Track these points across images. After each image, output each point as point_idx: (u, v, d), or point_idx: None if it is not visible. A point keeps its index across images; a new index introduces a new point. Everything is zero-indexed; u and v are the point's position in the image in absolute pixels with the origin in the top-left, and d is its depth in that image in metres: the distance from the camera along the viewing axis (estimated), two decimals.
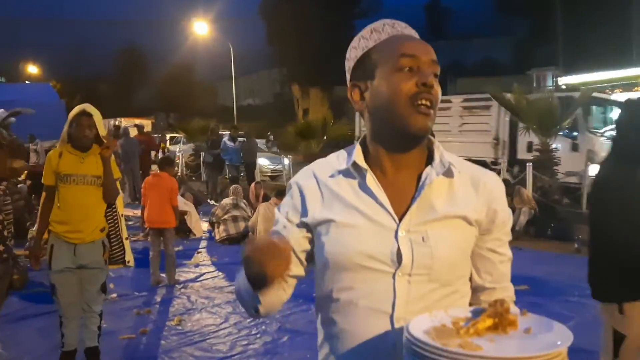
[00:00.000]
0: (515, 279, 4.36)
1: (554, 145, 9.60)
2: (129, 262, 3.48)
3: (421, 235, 1.09)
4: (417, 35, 1.18)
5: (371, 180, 1.13)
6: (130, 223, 9.29)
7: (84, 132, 3.20)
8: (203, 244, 8.00)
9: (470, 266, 1.17)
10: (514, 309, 1.00)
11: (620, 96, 16.13)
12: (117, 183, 3.38)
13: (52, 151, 3.35)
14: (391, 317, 1.08)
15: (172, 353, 3.91)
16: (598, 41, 18.51)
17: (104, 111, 3.37)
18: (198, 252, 6.98)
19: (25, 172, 9.31)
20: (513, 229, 5.29)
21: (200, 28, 23.25)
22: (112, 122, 19.15)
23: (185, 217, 8.34)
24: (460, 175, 1.14)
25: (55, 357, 3.34)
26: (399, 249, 1.08)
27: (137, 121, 17.03)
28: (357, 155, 1.15)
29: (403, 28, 1.18)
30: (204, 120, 16.95)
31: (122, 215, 3.44)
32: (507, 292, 1.19)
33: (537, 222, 8.09)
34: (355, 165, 1.14)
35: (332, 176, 1.17)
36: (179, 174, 11.96)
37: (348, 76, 1.19)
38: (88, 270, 3.26)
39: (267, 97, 39.80)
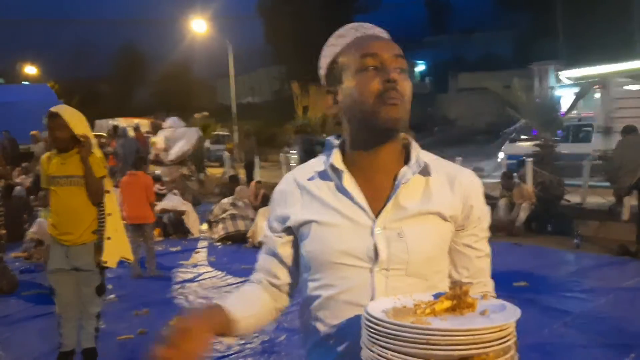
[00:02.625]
0: (514, 275, 4.35)
1: None
2: (105, 262, 3.32)
3: (397, 232, 1.12)
4: (384, 34, 1.21)
5: (348, 180, 1.16)
6: (125, 222, 9.26)
7: (53, 134, 3.21)
8: (201, 244, 7.97)
9: (447, 262, 1.20)
10: (476, 295, 1.03)
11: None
12: (106, 181, 3.32)
13: (44, 155, 3.37)
14: None
15: None
16: (599, 35, 18.45)
17: (103, 111, 3.35)
18: (196, 252, 6.96)
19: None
20: (513, 225, 5.28)
21: (199, 26, 23.20)
22: (110, 122, 19.11)
23: (183, 217, 8.32)
24: (437, 173, 1.18)
25: (53, 358, 3.33)
26: (375, 245, 1.12)
27: (136, 121, 16.99)
28: (335, 157, 1.18)
29: (368, 29, 1.21)
30: (202, 119, 16.92)
31: (109, 214, 3.34)
32: (485, 287, 1.21)
33: (537, 217, 8.06)
34: (333, 167, 1.17)
35: (311, 179, 1.21)
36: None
37: (323, 84, 1.23)
38: (82, 272, 3.25)
39: (266, 95, 39.77)
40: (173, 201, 8.59)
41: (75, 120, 3.23)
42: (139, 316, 4.74)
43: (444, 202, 1.16)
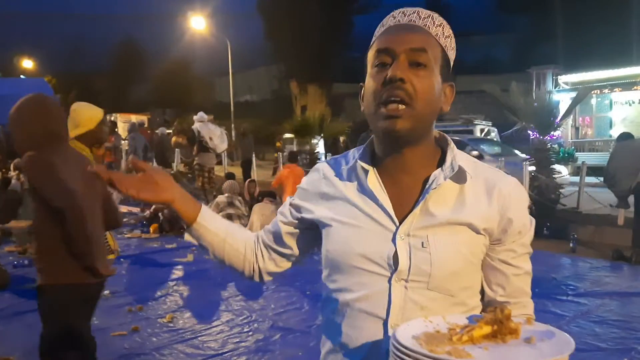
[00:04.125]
0: None
1: None
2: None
3: (421, 240, 1.03)
4: (422, 21, 1.06)
5: (373, 180, 1.09)
6: (125, 220, 9.26)
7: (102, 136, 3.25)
8: None
9: (479, 278, 1.09)
10: (519, 318, 0.92)
11: (619, 95, 16.18)
12: None
13: None
14: (385, 322, 1.04)
15: (163, 350, 3.88)
16: (598, 40, 18.50)
17: (100, 106, 3.36)
18: (192, 250, 6.93)
19: None
20: None
21: (198, 23, 23.16)
22: (107, 117, 19.07)
23: None
24: (474, 180, 1.07)
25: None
26: (396, 252, 1.04)
27: (133, 117, 16.97)
28: (363, 155, 1.11)
29: (406, 15, 1.08)
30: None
31: None
32: (524, 309, 1.10)
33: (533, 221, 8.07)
34: (359, 164, 1.11)
35: (339, 174, 1.14)
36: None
37: None
38: None
39: (265, 93, 39.70)
40: None
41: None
42: (132, 312, 4.71)
43: (478, 212, 1.04)
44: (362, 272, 1.06)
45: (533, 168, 9.19)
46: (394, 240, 1.04)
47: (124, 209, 10.14)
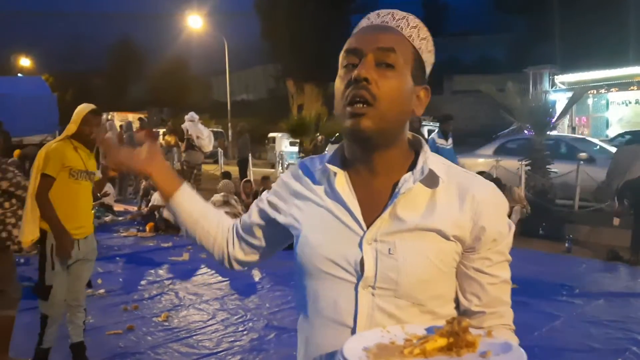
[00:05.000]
0: None
1: None
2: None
3: (388, 247, 1.00)
4: (396, 22, 1.04)
5: (341, 183, 1.06)
6: (120, 219, 9.23)
7: (92, 130, 3.28)
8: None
9: (452, 287, 1.05)
10: (478, 330, 0.88)
11: (616, 95, 16.22)
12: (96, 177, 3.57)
13: (62, 143, 3.28)
14: (352, 331, 1.00)
15: (158, 349, 3.87)
16: (595, 40, 18.54)
17: (97, 105, 3.41)
18: (187, 249, 6.91)
19: None
20: None
21: (195, 22, 23.10)
22: (104, 116, 19.02)
23: None
24: (446, 184, 1.03)
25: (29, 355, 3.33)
26: (362, 258, 1.00)
27: (130, 116, 16.94)
28: (332, 157, 1.09)
29: (380, 17, 1.05)
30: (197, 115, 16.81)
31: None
32: (501, 318, 1.05)
33: (528, 221, 8.09)
34: (328, 166, 1.08)
35: (312, 175, 1.12)
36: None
37: None
38: (82, 263, 3.30)
39: (261, 92, 39.67)
40: None
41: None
42: (128, 311, 4.70)
43: (449, 218, 1.00)
44: (329, 277, 1.03)
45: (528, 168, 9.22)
46: (360, 245, 1.01)
47: (120, 207, 10.12)
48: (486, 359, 0.81)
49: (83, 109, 3.31)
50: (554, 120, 9.49)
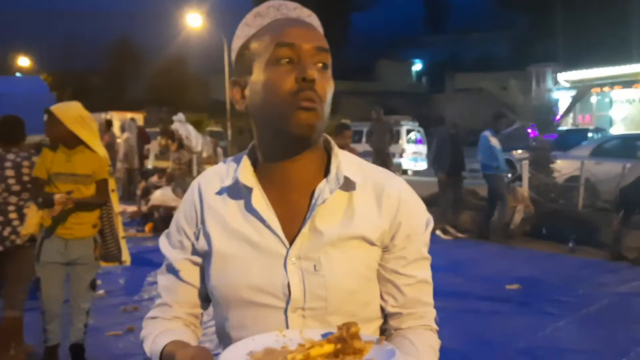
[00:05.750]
0: (507, 278, 4.29)
1: None
2: (125, 261, 3.52)
3: (313, 264, 0.93)
4: (308, 18, 1.00)
5: (258, 199, 0.96)
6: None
7: (47, 131, 3.27)
8: None
9: (378, 290, 1.00)
10: (370, 337, 0.84)
11: (619, 93, 16.14)
12: (110, 180, 3.37)
13: (46, 147, 3.35)
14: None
15: None
16: (598, 37, 18.48)
17: (96, 104, 3.34)
18: None
19: None
20: (507, 228, 5.17)
21: (194, 21, 23.05)
22: (103, 115, 18.98)
23: (174, 212, 8.22)
24: (362, 186, 0.97)
25: (39, 353, 3.35)
26: (288, 281, 0.93)
27: (129, 115, 16.92)
28: (243, 169, 0.97)
29: (291, 10, 0.98)
30: (195, 115, 16.83)
31: (118, 213, 3.48)
32: (420, 319, 1.00)
33: (531, 221, 8.02)
34: (240, 181, 0.97)
35: (218, 193, 1.00)
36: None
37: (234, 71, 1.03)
38: (78, 266, 3.28)
39: None
40: (165, 196, 8.50)
41: (67, 116, 3.23)
42: (127, 312, 4.68)
43: (370, 222, 0.95)
44: (255, 306, 0.94)
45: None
46: (285, 266, 0.93)
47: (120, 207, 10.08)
48: None
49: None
50: (557, 118, 9.40)
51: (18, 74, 26.93)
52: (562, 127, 11.17)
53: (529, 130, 9.82)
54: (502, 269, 5.97)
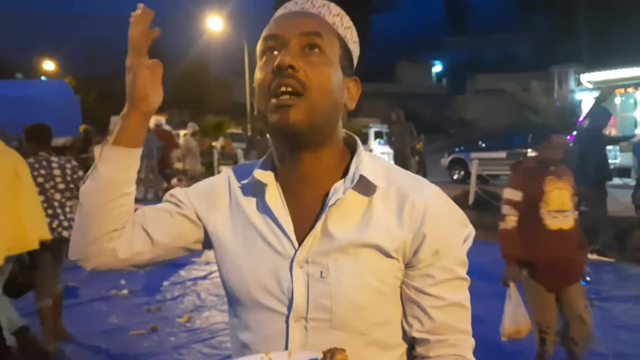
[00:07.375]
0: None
1: None
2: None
3: (320, 269, 0.86)
4: (311, 9, 0.92)
5: (273, 195, 0.92)
6: None
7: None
8: None
9: (399, 310, 0.91)
10: None
11: None
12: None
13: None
14: None
15: (181, 349, 3.89)
16: (622, 37, 18.12)
17: (119, 108, 3.40)
18: (208, 250, 6.95)
19: None
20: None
21: (215, 24, 23.28)
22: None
23: None
24: (385, 191, 0.89)
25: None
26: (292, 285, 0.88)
27: (153, 118, 17.13)
28: (263, 164, 0.96)
29: (295, 5, 0.93)
30: (216, 117, 16.97)
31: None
32: (451, 348, 0.88)
33: None
34: (257, 177, 0.94)
35: (243, 186, 0.97)
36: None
37: None
38: None
39: None
40: None
41: None
42: (150, 312, 4.74)
43: (387, 230, 0.86)
44: (260, 308, 0.90)
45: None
46: (291, 268, 0.88)
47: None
48: None
49: None
50: (580, 120, 9.29)
51: (43, 78, 27.51)
52: None
53: None
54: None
